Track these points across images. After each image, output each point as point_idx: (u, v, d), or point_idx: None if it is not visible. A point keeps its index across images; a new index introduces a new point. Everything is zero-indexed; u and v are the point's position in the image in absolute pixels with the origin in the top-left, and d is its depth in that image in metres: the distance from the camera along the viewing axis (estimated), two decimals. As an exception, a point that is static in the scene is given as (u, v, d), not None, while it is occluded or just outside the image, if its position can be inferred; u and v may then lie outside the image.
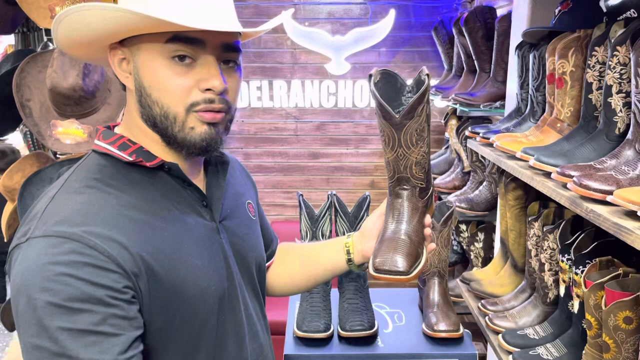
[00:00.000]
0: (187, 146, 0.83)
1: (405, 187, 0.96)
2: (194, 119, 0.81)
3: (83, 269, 0.71)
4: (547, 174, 1.18)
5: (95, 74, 1.57)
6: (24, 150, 2.37)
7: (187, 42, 0.78)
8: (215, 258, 0.88)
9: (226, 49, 0.81)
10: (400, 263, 0.90)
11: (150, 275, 0.77)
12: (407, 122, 0.89)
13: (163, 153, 0.85)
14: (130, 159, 0.82)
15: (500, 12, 2.23)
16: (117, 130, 0.89)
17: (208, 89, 0.80)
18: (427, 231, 1.00)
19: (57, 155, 1.91)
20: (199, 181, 0.93)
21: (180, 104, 0.80)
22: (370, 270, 0.93)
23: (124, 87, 0.87)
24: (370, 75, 0.92)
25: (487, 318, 1.55)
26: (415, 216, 0.97)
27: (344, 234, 1.52)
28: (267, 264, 1.15)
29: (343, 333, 1.45)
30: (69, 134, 1.55)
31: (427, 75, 0.90)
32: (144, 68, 0.80)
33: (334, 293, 1.58)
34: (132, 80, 0.83)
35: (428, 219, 1.00)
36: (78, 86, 1.50)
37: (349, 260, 1.08)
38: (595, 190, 0.97)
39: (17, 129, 2.12)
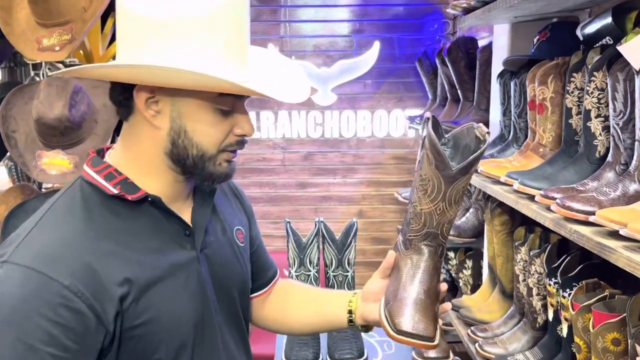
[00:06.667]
0: (213, 179, 0.89)
1: (430, 244, 0.90)
2: (223, 157, 0.88)
3: (55, 310, 0.73)
4: (531, 197, 1.19)
5: (82, 104, 1.57)
6: (8, 185, 2.35)
7: (234, 96, 0.85)
8: (191, 288, 0.89)
9: (248, 96, 0.89)
10: (425, 327, 0.85)
11: (125, 306, 0.80)
12: (460, 177, 0.84)
13: (156, 181, 0.87)
14: (115, 191, 0.84)
15: (481, 43, 2.28)
16: (107, 156, 0.90)
17: (242, 134, 0.88)
18: (444, 287, 0.95)
19: (42, 188, 1.89)
20: (186, 208, 0.94)
21: (216, 147, 0.86)
22: (390, 331, 0.87)
23: (125, 116, 0.87)
24: (427, 119, 0.86)
25: (477, 345, 1.54)
26: (435, 276, 0.91)
27: (331, 262, 1.51)
28: (258, 293, 1.13)
29: (332, 362, 1.43)
30: (54, 164, 1.54)
31: (488, 133, 0.86)
32: (189, 116, 0.84)
33: (323, 322, 1.56)
34: (163, 120, 0.84)
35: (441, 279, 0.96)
36: (64, 117, 1.51)
37: (351, 322, 1.03)
38: (578, 211, 0.98)
39: (2, 162, 2.11)
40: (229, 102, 0.85)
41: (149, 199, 0.86)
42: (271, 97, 0.85)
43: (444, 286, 0.94)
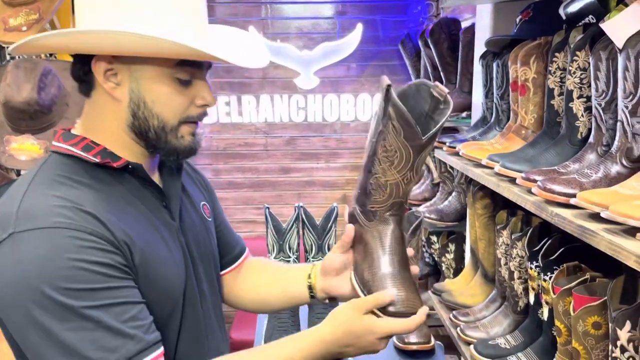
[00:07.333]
0: (178, 153, 0.88)
1: (395, 213, 0.89)
2: (185, 130, 0.87)
3: (91, 253, 0.74)
4: (513, 180, 1.17)
5: (52, 87, 1.52)
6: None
7: (192, 66, 0.84)
8: (178, 256, 0.91)
9: (208, 67, 0.89)
10: (415, 302, 0.85)
11: (132, 264, 0.81)
12: (429, 145, 0.83)
13: (128, 154, 0.87)
14: (96, 160, 0.83)
15: (464, 25, 2.25)
16: (75, 132, 0.89)
17: (204, 105, 0.87)
18: (411, 251, 0.95)
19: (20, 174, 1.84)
20: (157, 182, 0.95)
21: (177, 118, 0.86)
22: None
23: (86, 91, 0.86)
24: (389, 86, 0.82)
25: (458, 329, 1.53)
26: (403, 244, 0.91)
27: (311, 247, 1.49)
28: (228, 269, 1.13)
29: (312, 349, 1.40)
30: (23, 149, 1.49)
31: (449, 93, 0.84)
32: (148, 86, 0.83)
33: (303, 308, 1.54)
34: (123, 92, 0.84)
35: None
36: (33, 100, 1.45)
37: (312, 296, 1.05)
38: (559, 193, 0.96)
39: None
40: (188, 72, 0.85)
41: (130, 167, 0.86)
42: (229, 61, 0.84)
43: (410, 251, 0.94)
